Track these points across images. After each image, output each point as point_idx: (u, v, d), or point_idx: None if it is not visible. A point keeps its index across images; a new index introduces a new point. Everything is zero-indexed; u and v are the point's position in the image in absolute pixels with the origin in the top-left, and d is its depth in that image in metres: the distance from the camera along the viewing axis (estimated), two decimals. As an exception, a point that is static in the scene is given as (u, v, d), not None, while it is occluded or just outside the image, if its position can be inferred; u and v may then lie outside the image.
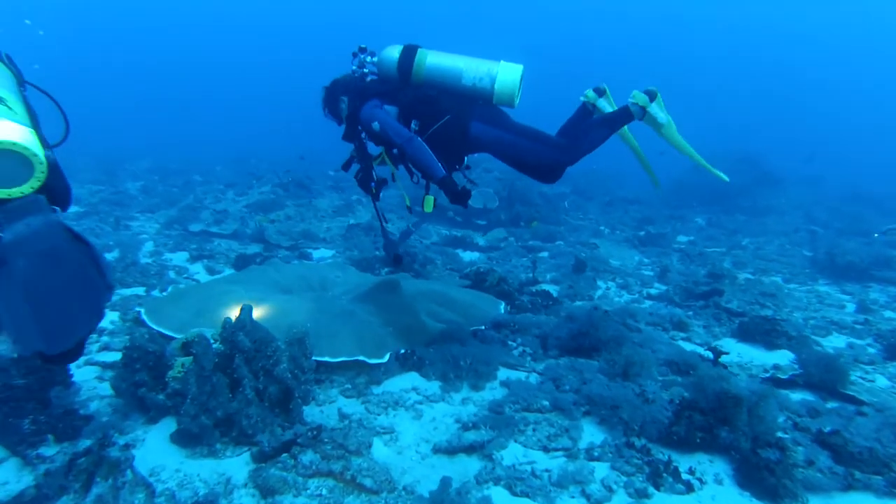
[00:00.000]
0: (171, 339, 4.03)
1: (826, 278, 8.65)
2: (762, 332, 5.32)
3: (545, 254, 9.00)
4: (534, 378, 4.33)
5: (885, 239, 10.45)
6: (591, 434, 3.62)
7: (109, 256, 6.90)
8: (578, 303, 6.64)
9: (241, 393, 3.20)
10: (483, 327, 4.99)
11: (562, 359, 4.66)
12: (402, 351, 4.53)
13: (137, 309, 4.87)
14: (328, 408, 3.86)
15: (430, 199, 4.50)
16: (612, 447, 3.46)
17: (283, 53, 58.40)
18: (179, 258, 7.26)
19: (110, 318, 5.06)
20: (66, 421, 3.15)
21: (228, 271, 6.94)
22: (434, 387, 4.21)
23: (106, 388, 3.80)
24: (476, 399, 4.06)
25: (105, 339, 4.65)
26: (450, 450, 3.40)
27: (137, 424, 3.39)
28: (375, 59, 4.47)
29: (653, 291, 7.33)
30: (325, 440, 3.24)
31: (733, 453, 3.35)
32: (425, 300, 5.23)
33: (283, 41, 59.54)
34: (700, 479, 3.21)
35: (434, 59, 4.29)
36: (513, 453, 3.41)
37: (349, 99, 4.46)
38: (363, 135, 4.56)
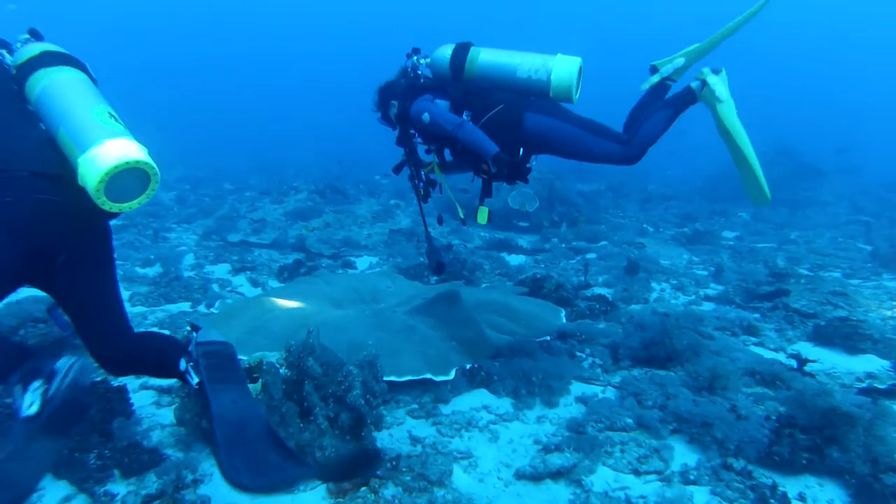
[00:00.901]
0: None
1: (891, 273, 8.22)
2: (842, 336, 5.00)
3: (593, 255, 8.71)
4: (611, 392, 4.08)
5: None
6: (682, 454, 3.36)
7: (151, 271, 6.78)
8: (634, 306, 6.36)
9: (313, 423, 3.00)
10: (548, 338, 4.75)
11: (635, 370, 4.41)
12: (468, 366, 4.32)
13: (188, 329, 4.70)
14: (397, 431, 3.65)
15: (484, 211, 4.31)
16: (707, 469, 3.19)
17: (312, 54, 58.33)
18: (221, 270, 7.12)
19: (161, 337, 4.91)
20: (132, 455, 2.98)
21: (272, 283, 6.78)
22: (506, 404, 3.98)
23: (165, 416, 3.64)
24: (552, 417, 3.82)
25: (158, 360, 4.49)
26: (535, 476, 3.16)
27: (202, 457, 3.20)
28: (428, 59, 4.28)
29: (710, 292, 7.00)
30: (404, 469, 3.03)
31: (847, 478, 3.06)
32: (486, 311, 5.00)
33: (313, 41, 59.34)
34: (813, 507, 2.93)
35: (487, 55, 4.09)
36: (603, 478, 3.17)
37: (400, 101, 4.27)
38: (415, 138, 4.36)
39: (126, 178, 2.31)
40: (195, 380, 2.69)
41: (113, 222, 2.78)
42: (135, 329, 2.82)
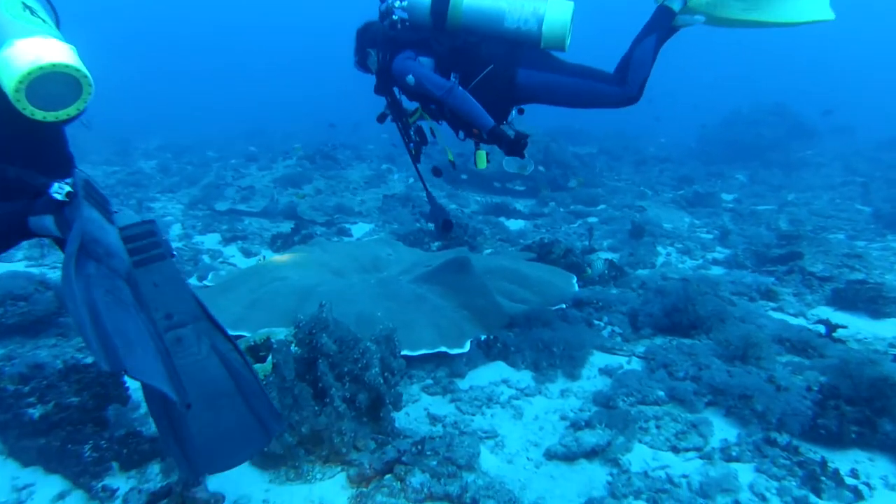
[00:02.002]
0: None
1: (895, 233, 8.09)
2: (866, 300, 4.82)
3: (594, 219, 8.48)
4: (636, 363, 3.87)
5: None
6: (721, 429, 3.16)
7: (138, 242, 6.44)
8: (642, 271, 6.16)
9: (330, 405, 2.74)
10: (564, 306, 4.52)
11: (657, 338, 4.21)
12: (483, 338, 4.08)
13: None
14: (413, 409, 3.42)
15: (482, 155, 3.98)
16: (750, 445, 3.00)
17: (293, 17, 56.48)
18: (211, 241, 6.79)
19: (152, 313, 4.61)
20: (130, 445, 2.71)
21: (266, 252, 6.47)
22: (526, 378, 3.76)
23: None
24: (576, 390, 3.61)
25: (151, 336, 4.20)
26: (568, 456, 2.95)
27: (208, 442, 2.94)
28: (405, 3, 3.84)
29: (718, 256, 6.83)
30: (429, 453, 2.80)
31: (901, 451, 2.89)
32: (496, 278, 4.75)
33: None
34: (867, 484, 2.75)
35: (472, 0, 3.70)
36: (640, 457, 2.96)
37: (378, 51, 3.91)
38: (396, 90, 4.03)
39: (52, 84, 1.98)
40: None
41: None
42: None
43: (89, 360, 3.28)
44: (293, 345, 2.93)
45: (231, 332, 3.69)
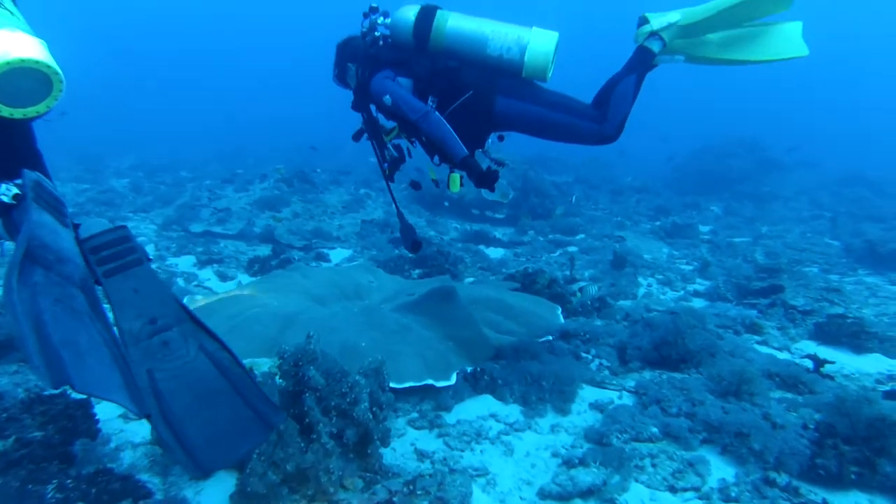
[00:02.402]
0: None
1: (866, 268, 8.22)
2: (848, 335, 4.84)
3: (574, 248, 8.46)
4: (627, 398, 3.79)
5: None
6: (719, 468, 3.08)
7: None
8: (624, 302, 6.13)
9: (317, 441, 2.60)
10: (550, 338, 4.43)
11: (646, 372, 4.14)
12: (470, 370, 3.97)
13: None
14: (400, 444, 3.28)
15: (455, 178, 3.86)
16: (748, 484, 2.93)
17: (273, 36, 56.12)
18: (185, 263, 6.58)
19: (123, 339, 4.40)
20: (100, 484, 2.52)
21: (242, 276, 6.29)
22: (515, 412, 3.65)
23: (135, 431, 3.18)
24: (567, 426, 3.50)
25: (122, 364, 4.00)
26: (563, 496, 2.84)
27: (183, 481, 2.77)
28: (388, 20, 3.79)
29: (699, 287, 6.84)
30: (420, 492, 2.66)
31: (900, 492, 2.84)
32: (481, 308, 4.66)
33: (271, 21, 56.95)
34: (869, 526, 2.69)
35: (456, 23, 3.64)
36: (637, 497, 2.87)
37: (358, 67, 3.84)
38: (373, 107, 3.94)
39: (20, 80, 1.91)
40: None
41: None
42: None
43: (58, 390, 3.07)
44: (277, 377, 2.79)
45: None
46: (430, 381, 3.65)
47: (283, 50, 53.13)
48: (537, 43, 3.55)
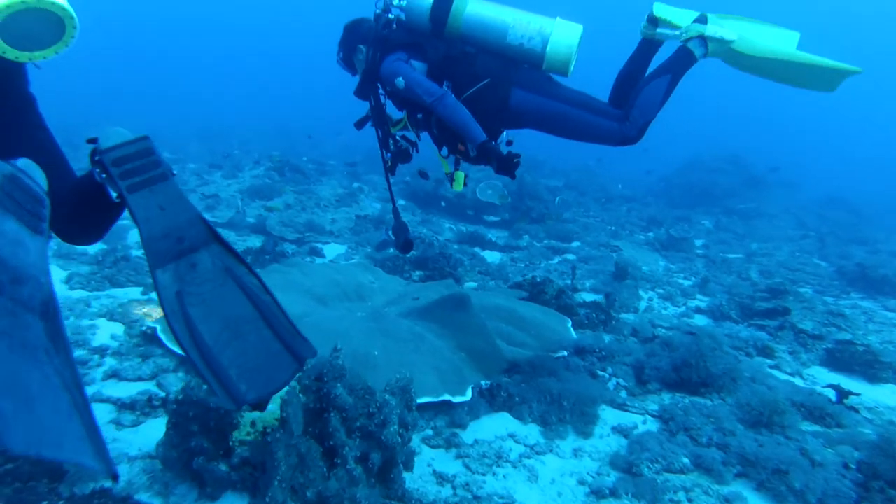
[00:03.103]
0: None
1: (859, 292, 8.21)
2: (862, 364, 4.75)
3: (572, 256, 8.31)
4: (651, 423, 3.62)
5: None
6: (755, 506, 2.93)
7: (92, 248, 5.84)
8: (627, 315, 5.98)
9: (342, 467, 2.36)
10: (566, 353, 4.24)
11: (664, 394, 3.98)
12: (485, 384, 3.77)
13: (151, 325, 3.92)
14: (416, 463, 3.05)
15: (460, 176, 3.70)
16: (788, 526, 2.78)
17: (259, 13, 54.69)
18: (173, 251, 6.23)
19: (111, 332, 4.10)
20: (98, 504, 2.26)
21: (233, 269, 5.97)
22: (534, 433, 3.46)
23: (130, 441, 2.92)
24: (589, 450, 3.32)
25: (110, 362, 3.71)
26: (597, 532, 2.65)
27: (188, 502, 2.51)
28: (404, 2, 3.54)
29: (700, 304, 6.73)
30: (448, 525, 2.45)
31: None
32: (492, 318, 4.45)
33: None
34: (920, 578, 2.55)
35: (475, 9, 3.43)
36: (675, 536, 2.69)
37: (369, 49, 3.59)
38: (381, 94, 3.71)
39: (30, 21, 1.77)
40: (113, 194, 1.90)
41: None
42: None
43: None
44: (298, 391, 2.54)
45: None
46: (447, 397, 3.44)
47: (271, 30, 52.19)
48: (561, 34, 3.33)
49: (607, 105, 3.51)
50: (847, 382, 4.62)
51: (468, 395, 3.55)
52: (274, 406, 2.44)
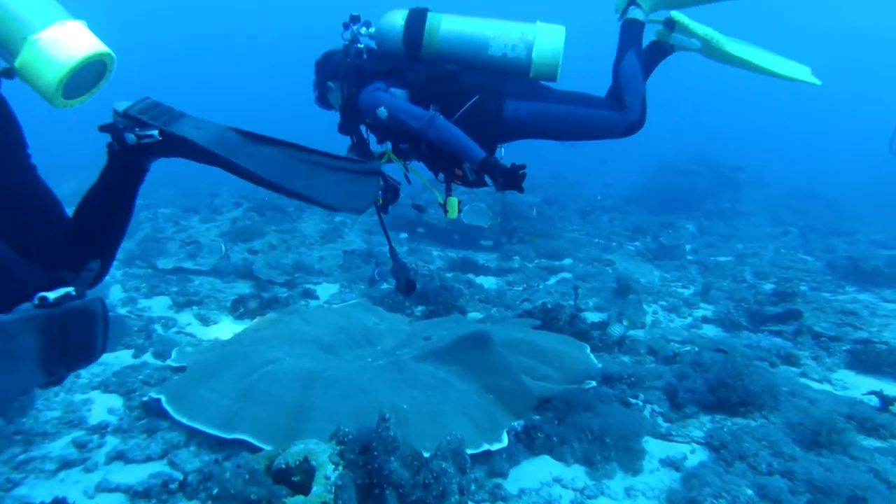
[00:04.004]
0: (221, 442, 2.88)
1: (852, 285, 8.21)
2: (891, 364, 4.64)
3: (567, 274, 8.15)
4: (700, 452, 3.43)
5: None
6: (832, 538, 2.75)
7: (73, 311, 5.49)
8: (636, 332, 5.82)
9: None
10: (594, 384, 4.05)
11: (703, 417, 3.80)
12: (518, 426, 3.55)
13: (154, 396, 3.61)
14: (465, 526, 2.81)
15: (453, 202, 3.47)
16: (870, 557, 2.60)
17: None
18: (160, 306, 5.91)
19: (108, 406, 3.78)
20: None
21: (225, 319, 5.68)
22: (579, 474, 3.25)
23: None
24: (642, 488, 3.12)
25: (113, 442, 3.39)
26: (678, 587, 2.43)
27: None
28: (373, 29, 3.37)
29: (706, 314, 6.62)
30: None
31: None
32: (513, 352, 4.23)
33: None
34: None
35: (450, 25, 3.25)
36: (759, 582, 2.49)
37: (343, 83, 3.40)
38: (363, 128, 3.52)
39: (86, 72, 1.95)
40: (154, 131, 1.99)
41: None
42: None
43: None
44: (340, 467, 2.29)
45: (224, 435, 2.99)
46: (486, 447, 3.21)
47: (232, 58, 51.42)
48: (544, 39, 3.17)
49: (601, 98, 3.37)
50: (879, 385, 4.51)
51: (505, 441, 3.33)
52: (319, 488, 2.18)
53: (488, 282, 7.76)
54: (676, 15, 3.49)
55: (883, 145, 8.34)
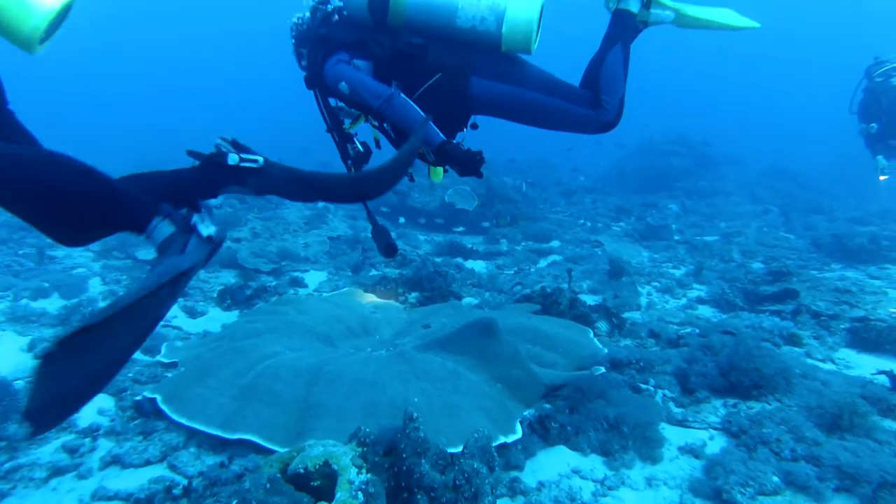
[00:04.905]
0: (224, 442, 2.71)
1: (838, 262, 8.26)
2: (892, 341, 4.63)
3: (557, 257, 8.07)
4: (719, 438, 3.35)
5: None
6: (864, 526, 2.68)
7: (50, 305, 5.22)
8: (632, 314, 5.76)
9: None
10: (603, 370, 3.95)
11: (715, 401, 3.73)
12: (529, 415, 3.44)
13: (149, 395, 3.41)
14: (488, 523, 2.69)
15: (438, 170, 3.40)
16: (905, 545, 2.54)
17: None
18: (142, 299, 5.65)
19: (98, 406, 3.56)
20: None
21: (213, 311, 5.47)
22: (597, 464, 3.15)
23: None
24: (663, 477, 3.03)
25: (106, 445, 3.19)
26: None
27: None
28: None
29: (701, 294, 6.58)
30: None
31: None
32: (518, 340, 4.11)
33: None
34: None
35: None
36: (795, 573, 2.42)
37: (310, 51, 3.25)
38: (332, 98, 3.38)
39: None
40: (260, 158, 2.22)
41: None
42: None
43: None
44: (364, 471, 2.14)
45: (226, 435, 2.82)
46: (501, 439, 3.08)
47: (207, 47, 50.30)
48: (517, 10, 2.99)
49: (578, 89, 3.20)
50: (881, 363, 4.50)
51: (519, 432, 3.21)
52: (343, 494, 2.03)
53: (478, 265, 7.63)
54: None
55: (843, 114, 8.36)
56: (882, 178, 8.35)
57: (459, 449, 2.63)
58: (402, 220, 9.79)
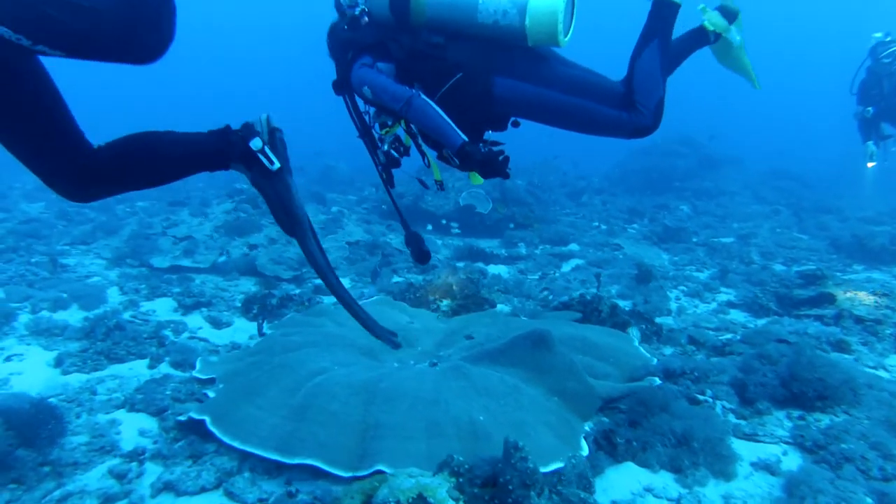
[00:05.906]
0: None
1: (860, 263, 8.18)
2: (944, 347, 4.53)
3: (580, 261, 7.94)
4: (794, 453, 3.22)
5: None
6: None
7: (72, 317, 5.03)
8: (663, 319, 5.63)
9: None
10: (658, 381, 3.81)
11: (778, 413, 3.61)
12: (593, 430, 3.30)
13: (196, 417, 3.24)
14: (568, 550, 2.55)
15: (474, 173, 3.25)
16: None
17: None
18: (164, 308, 5.48)
19: (139, 427, 3.39)
20: None
21: (239, 321, 5.30)
22: (669, 482, 3.03)
23: None
24: (741, 495, 2.91)
25: (155, 470, 3.02)
26: None
27: None
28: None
29: (731, 298, 6.47)
30: None
31: None
32: (568, 350, 3.97)
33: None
34: None
35: None
36: None
37: (338, 57, 3.20)
38: (361, 103, 3.30)
39: None
40: (278, 163, 2.23)
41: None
42: None
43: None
44: (461, 503, 1.99)
45: (285, 460, 2.67)
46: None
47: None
48: (539, 1, 2.81)
49: (614, 87, 3.02)
50: (934, 371, 4.40)
51: (586, 449, 3.07)
52: (445, 529, 1.88)
53: (501, 270, 7.49)
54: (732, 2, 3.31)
55: (843, 115, 8.32)
56: (870, 164, 8.31)
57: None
58: (429, 227, 9.62)
